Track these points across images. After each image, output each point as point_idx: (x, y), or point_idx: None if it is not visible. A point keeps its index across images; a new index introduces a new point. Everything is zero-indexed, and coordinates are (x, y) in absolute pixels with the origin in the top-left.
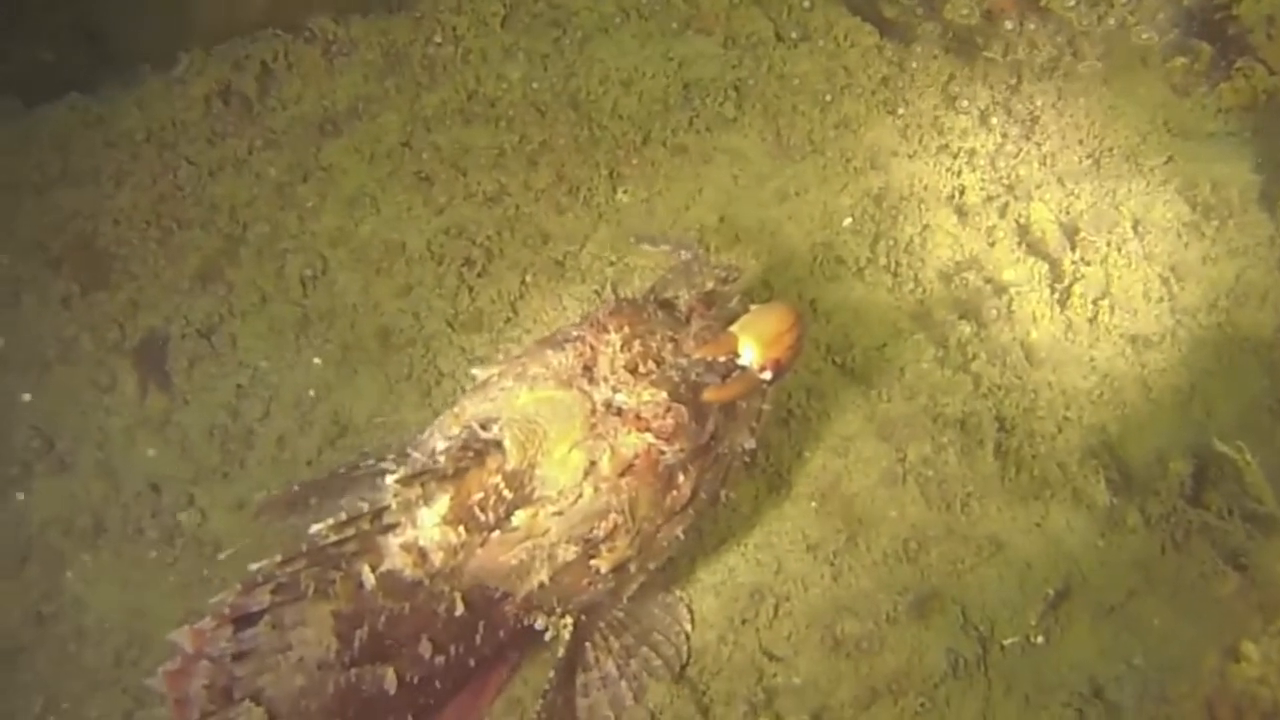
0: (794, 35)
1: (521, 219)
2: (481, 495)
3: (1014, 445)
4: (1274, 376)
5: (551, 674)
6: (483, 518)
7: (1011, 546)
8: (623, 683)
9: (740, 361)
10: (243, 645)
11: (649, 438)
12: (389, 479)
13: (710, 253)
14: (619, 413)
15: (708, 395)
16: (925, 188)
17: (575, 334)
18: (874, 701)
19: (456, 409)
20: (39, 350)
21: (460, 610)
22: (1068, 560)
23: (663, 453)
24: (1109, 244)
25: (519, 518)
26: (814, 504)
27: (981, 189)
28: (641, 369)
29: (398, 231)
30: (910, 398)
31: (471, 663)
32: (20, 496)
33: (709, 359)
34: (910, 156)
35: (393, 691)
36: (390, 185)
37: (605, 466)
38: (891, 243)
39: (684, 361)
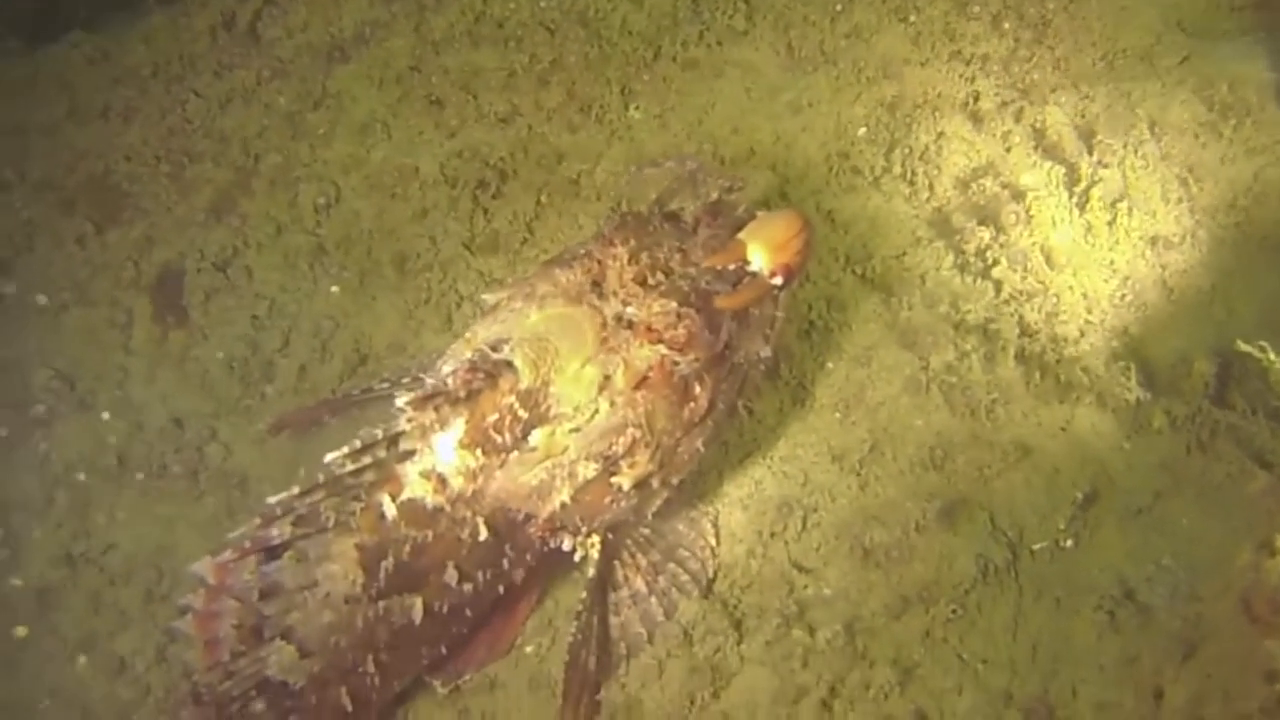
0: None
1: (534, 139)
2: (496, 416)
3: (1037, 350)
4: None
5: (584, 595)
6: (499, 439)
7: (1038, 451)
8: (653, 599)
9: (750, 268)
10: (267, 580)
11: (662, 349)
12: (400, 401)
13: (719, 165)
14: (630, 325)
15: (719, 303)
16: (939, 95)
17: (583, 251)
18: (905, 610)
19: (469, 334)
20: (56, 291)
21: (484, 535)
22: (1094, 463)
23: (677, 363)
24: (1125, 146)
25: (536, 437)
26: (838, 414)
27: (995, 94)
28: (650, 280)
29: (410, 156)
30: (931, 305)
31: (500, 589)
32: (43, 437)
33: (718, 267)
34: (923, 64)
35: (420, 621)
36: (401, 110)
37: (620, 380)
38: (907, 151)
39: (693, 271)
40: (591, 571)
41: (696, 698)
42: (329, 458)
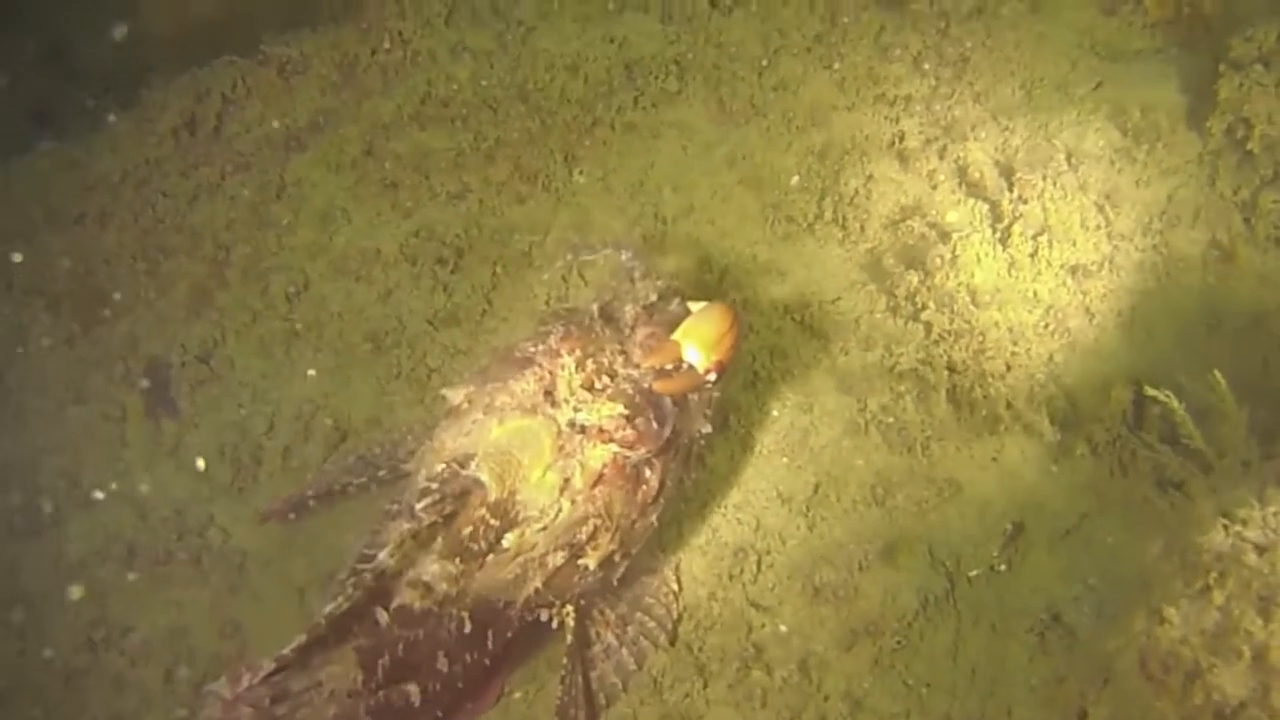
0: (728, 2)
1: (486, 213)
2: (471, 529)
3: (966, 386)
4: (1207, 293)
5: (564, 660)
6: (476, 547)
7: (971, 483)
8: (624, 650)
9: (685, 365)
10: (277, 688)
11: (614, 448)
12: (382, 555)
13: (649, 253)
14: (583, 430)
15: (658, 387)
16: (866, 137)
17: (533, 352)
18: (854, 643)
19: (435, 443)
20: (52, 392)
21: (469, 627)
22: (1024, 490)
23: (628, 457)
24: (1045, 179)
25: (509, 539)
26: (785, 459)
27: (920, 133)
28: (597, 385)
29: (371, 239)
30: (867, 349)
31: (486, 661)
32: (55, 533)
33: (656, 367)
34: (849, 109)
35: (418, 704)
36: (358, 194)
37: (578, 481)
38: (838, 197)
39: (634, 373)
40: (569, 638)
41: None
42: (326, 610)
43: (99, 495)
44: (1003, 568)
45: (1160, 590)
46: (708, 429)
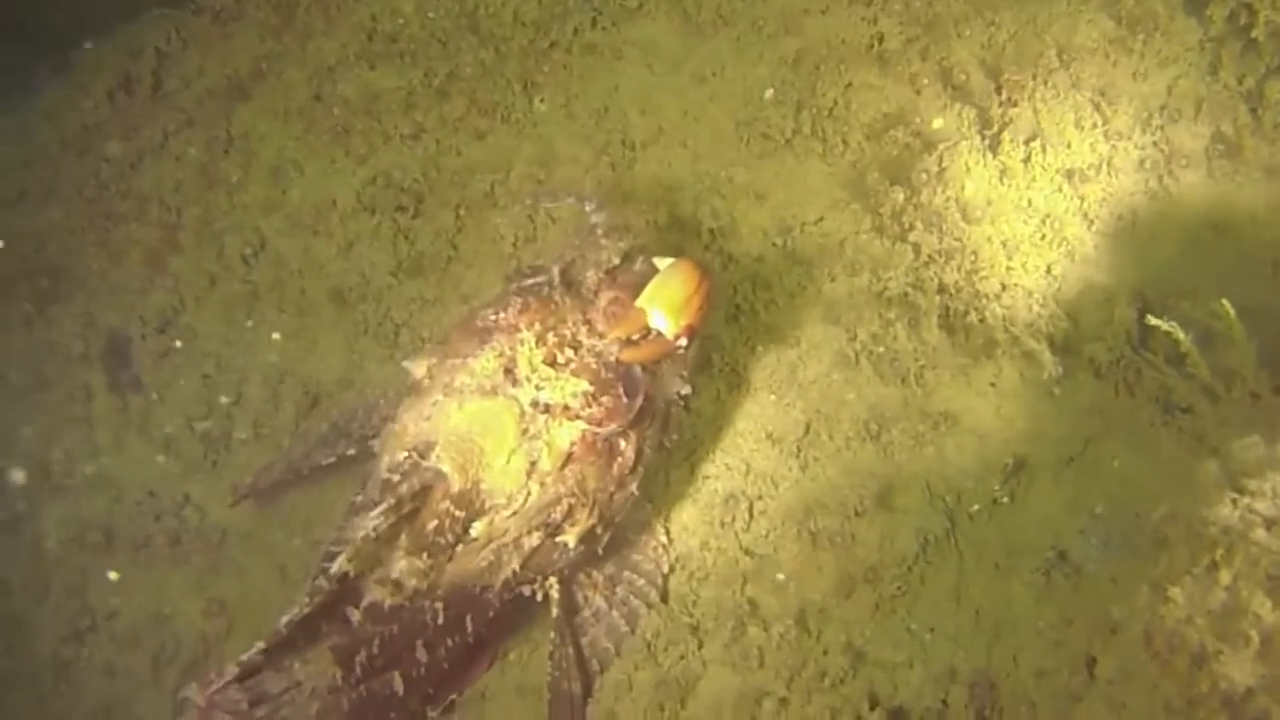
0: None
1: (444, 153)
2: (436, 523)
3: (960, 310)
4: (1213, 191)
5: (552, 634)
6: (442, 540)
7: (968, 413)
8: (614, 613)
9: (653, 329)
10: (254, 691)
11: (581, 425)
12: (340, 560)
13: (613, 199)
14: (547, 409)
15: (625, 356)
16: (843, 42)
17: (494, 321)
18: (853, 590)
19: (398, 425)
20: (14, 378)
21: (444, 616)
22: (1025, 417)
23: (597, 433)
24: (1034, 78)
25: (477, 528)
26: (773, 397)
27: (900, 33)
28: (560, 360)
29: (326, 190)
30: (853, 274)
31: (470, 641)
32: (31, 526)
33: (622, 337)
34: (823, 12)
35: (403, 690)
36: (309, 143)
37: (546, 463)
38: (815, 109)
39: (599, 344)
40: (555, 611)
41: (666, 707)
42: (283, 620)
43: (72, 481)
44: (1005, 500)
45: (1166, 562)
46: (686, 390)
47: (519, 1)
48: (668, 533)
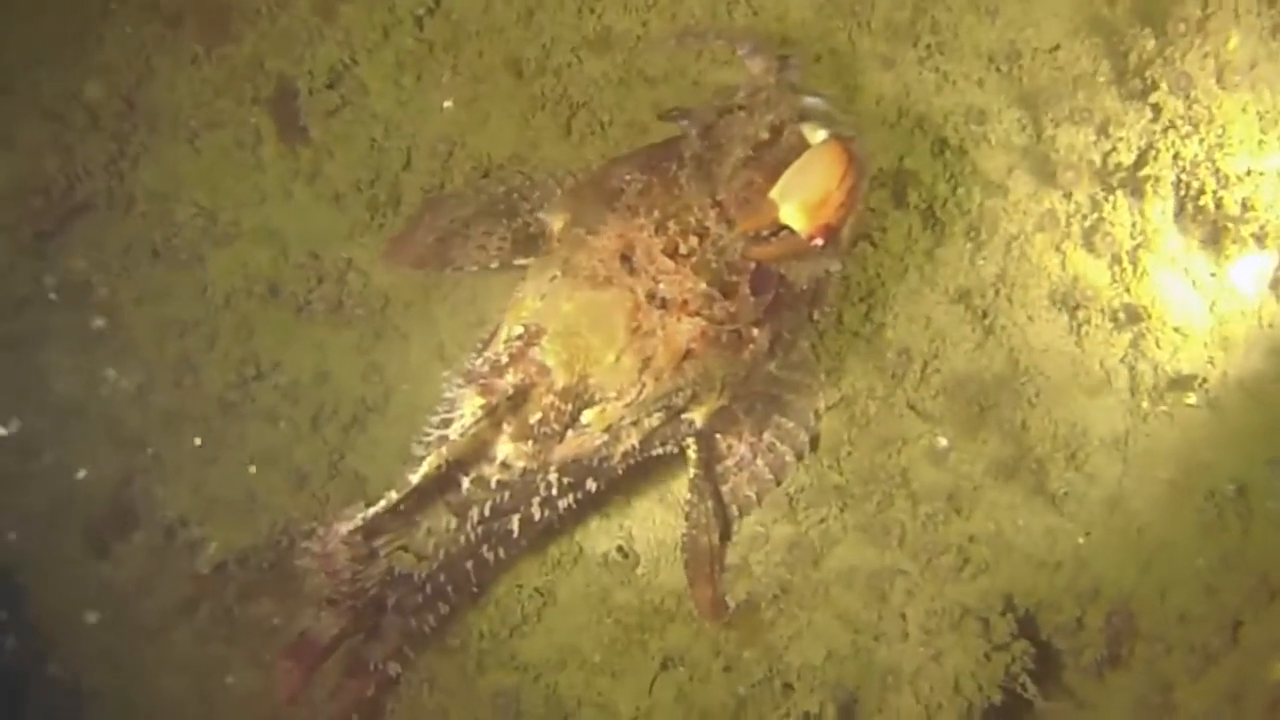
0: None
1: None
2: (540, 415)
3: (1194, 189)
4: None
5: (688, 494)
6: (549, 429)
7: (1180, 304)
8: (759, 460)
9: (784, 226)
10: (371, 525)
11: (700, 321)
12: (452, 433)
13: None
14: (664, 304)
15: (750, 254)
16: None
17: (627, 181)
18: (1015, 475)
19: (519, 293)
20: (183, 119)
21: (558, 486)
22: (1239, 321)
23: (720, 329)
24: None
25: (588, 415)
26: (969, 246)
27: None
28: (683, 249)
29: None
30: (1078, 125)
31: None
32: (200, 271)
33: (752, 233)
34: None
35: (519, 529)
36: None
37: (661, 359)
38: None
39: (724, 237)
40: (691, 471)
41: (798, 568)
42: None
43: (238, 230)
44: (1198, 406)
45: None
46: (837, 266)
47: None
48: (826, 372)
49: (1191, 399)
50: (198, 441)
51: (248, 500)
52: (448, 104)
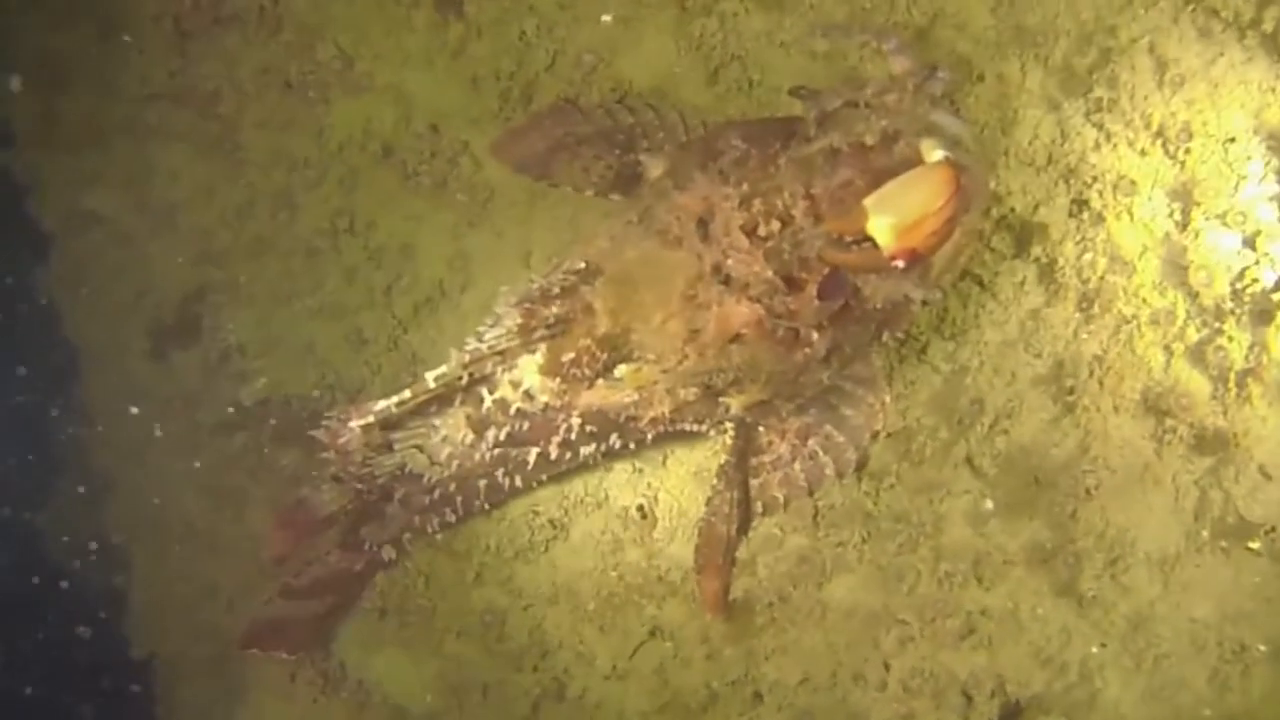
0: None
1: None
2: (574, 355)
3: None
4: None
5: (715, 480)
6: (579, 373)
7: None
8: (796, 464)
9: (869, 238)
10: (388, 418)
11: (758, 308)
12: (488, 339)
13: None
14: (727, 281)
15: (824, 255)
16: None
17: (737, 148)
18: (1048, 563)
19: (600, 227)
20: None
21: (579, 431)
22: None
23: (777, 322)
24: None
25: (621, 370)
26: (1079, 315)
27: None
28: (762, 230)
29: None
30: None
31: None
32: (323, 112)
33: (834, 235)
34: None
35: (535, 462)
36: None
37: (708, 335)
38: None
39: (806, 231)
40: (724, 457)
41: (801, 584)
42: (434, 373)
43: (370, 83)
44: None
45: None
46: (920, 294)
47: None
48: (894, 397)
49: (1255, 545)
50: (276, 276)
51: (305, 348)
52: (606, 18)
